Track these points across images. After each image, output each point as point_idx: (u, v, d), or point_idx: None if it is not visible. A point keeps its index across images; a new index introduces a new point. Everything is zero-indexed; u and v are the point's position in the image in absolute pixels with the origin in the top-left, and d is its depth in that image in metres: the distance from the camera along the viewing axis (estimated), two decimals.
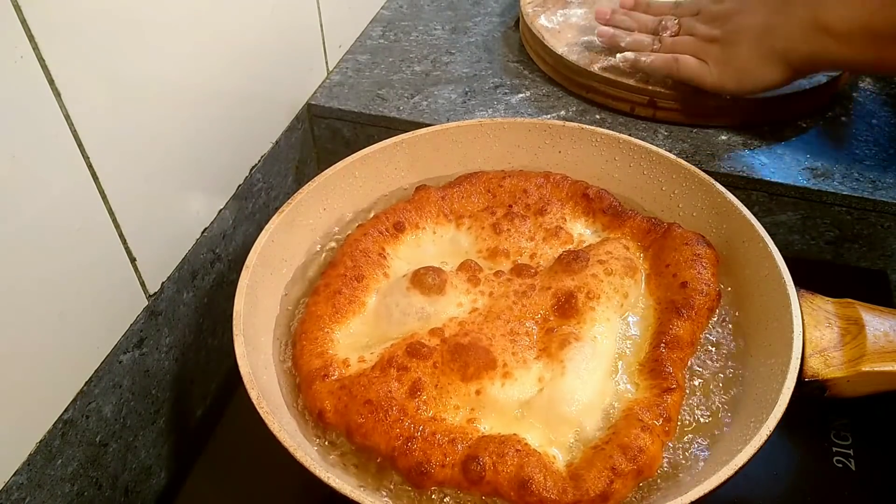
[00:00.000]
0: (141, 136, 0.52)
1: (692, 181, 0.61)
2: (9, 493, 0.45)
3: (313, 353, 0.52)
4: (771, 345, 0.51)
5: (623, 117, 0.77)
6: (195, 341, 0.63)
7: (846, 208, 0.68)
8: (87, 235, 0.49)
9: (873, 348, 0.50)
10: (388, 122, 0.78)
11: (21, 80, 0.42)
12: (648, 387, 0.50)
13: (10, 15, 0.40)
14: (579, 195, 0.63)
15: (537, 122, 0.67)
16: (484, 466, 0.45)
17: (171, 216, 0.58)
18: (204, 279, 0.63)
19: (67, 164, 0.46)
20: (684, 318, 0.53)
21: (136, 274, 0.54)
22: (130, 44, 0.50)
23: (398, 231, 0.61)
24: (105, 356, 0.52)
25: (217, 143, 0.62)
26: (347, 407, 0.48)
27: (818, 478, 0.55)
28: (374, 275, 0.57)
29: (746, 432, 0.46)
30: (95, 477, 0.53)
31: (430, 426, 0.47)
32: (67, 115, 0.45)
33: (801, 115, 0.75)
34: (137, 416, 0.57)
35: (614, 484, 0.44)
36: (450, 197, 0.63)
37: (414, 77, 0.83)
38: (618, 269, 0.55)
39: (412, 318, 0.53)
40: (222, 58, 0.61)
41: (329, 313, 0.54)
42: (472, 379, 0.49)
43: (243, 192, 0.67)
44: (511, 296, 0.54)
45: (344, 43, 0.87)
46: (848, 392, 0.50)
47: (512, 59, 0.86)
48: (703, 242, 0.57)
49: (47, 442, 0.48)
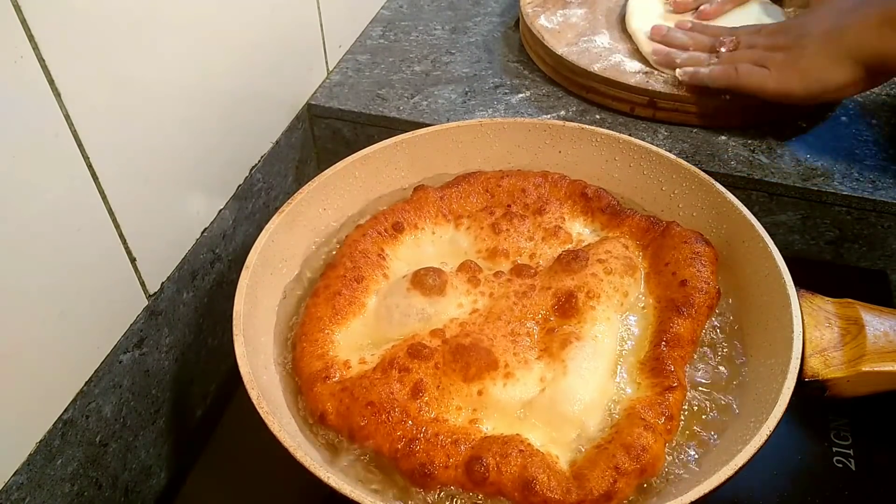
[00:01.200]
0: (141, 136, 0.52)
1: (692, 181, 0.61)
2: (9, 493, 0.45)
3: (314, 355, 0.52)
4: (771, 345, 0.51)
5: (623, 117, 0.77)
6: (195, 341, 0.63)
7: (846, 208, 0.69)
8: (87, 235, 0.49)
9: (873, 348, 0.50)
10: (388, 122, 0.78)
11: (21, 80, 0.42)
12: (650, 385, 0.50)
13: (10, 15, 0.40)
14: (578, 194, 0.63)
15: (537, 122, 0.67)
16: (487, 467, 0.45)
17: (171, 216, 0.58)
18: (204, 279, 0.63)
19: (67, 164, 0.46)
20: (684, 316, 0.53)
21: (136, 274, 0.54)
22: (131, 44, 0.49)
23: (397, 232, 0.61)
24: (105, 356, 0.52)
25: (217, 143, 0.62)
26: (349, 409, 0.48)
27: (818, 478, 0.55)
28: (373, 276, 0.57)
29: (746, 432, 0.46)
30: (95, 477, 0.53)
31: (432, 427, 0.47)
32: (67, 115, 0.45)
33: (801, 115, 0.75)
34: (137, 416, 0.57)
35: (618, 483, 0.44)
36: (448, 197, 0.63)
37: (414, 77, 0.83)
38: (617, 268, 0.55)
39: (413, 320, 0.53)
40: (222, 58, 0.61)
41: (329, 315, 0.54)
42: (474, 379, 0.49)
43: (243, 192, 0.67)
44: (511, 296, 0.54)
45: (344, 43, 0.87)
46: (848, 392, 0.50)
47: (512, 59, 0.86)
48: (701, 241, 0.57)
49: (47, 442, 0.48)
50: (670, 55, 0.76)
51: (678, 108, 0.74)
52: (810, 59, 0.66)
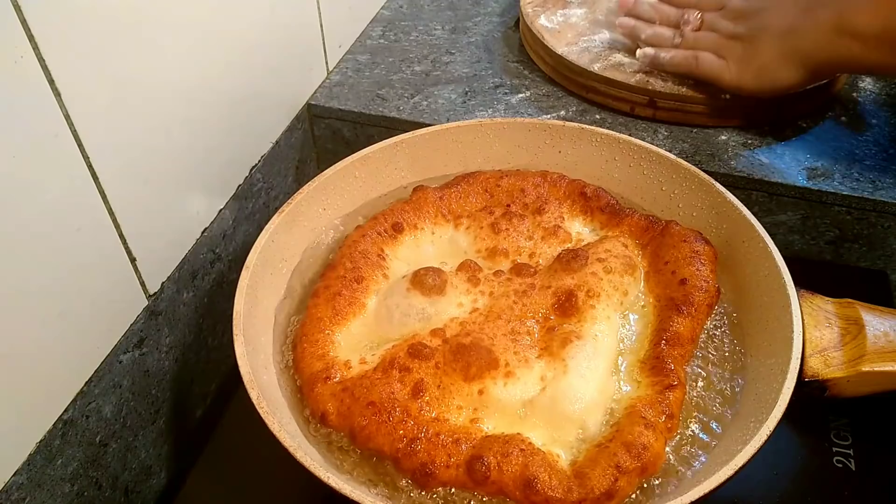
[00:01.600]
0: (141, 136, 0.52)
1: (692, 181, 0.61)
2: (9, 493, 0.45)
3: (314, 356, 0.52)
4: (771, 345, 0.51)
5: (623, 117, 0.77)
6: (195, 341, 0.63)
7: (846, 208, 0.69)
8: (87, 235, 0.49)
9: (873, 348, 0.50)
10: (388, 122, 0.78)
11: (21, 80, 0.42)
12: (650, 384, 0.50)
13: (10, 15, 0.40)
14: (577, 194, 0.63)
15: (537, 122, 0.67)
16: (489, 466, 0.45)
17: (171, 216, 0.58)
18: (204, 279, 0.63)
19: (67, 164, 0.46)
20: (684, 314, 0.53)
21: (136, 274, 0.54)
22: (131, 44, 0.49)
23: (397, 232, 0.61)
24: (105, 356, 0.52)
25: (217, 143, 0.62)
26: (350, 409, 0.48)
27: (818, 478, 0.55)
28: (373, 276, 0.57)
29: (746, 432, 0.46)
30: (95, 477, 0.53)
31: (433, 427, 0.47)
32: (67, 115, 0.45)
33: (801, 115, 0.75)
34: (137, 416, 0.57)
35: (619, 482, 0.44)
36: (447, 197, 0.63)
37: (414, 77, 0.83)
38: (617, 267, 0.55)
39: (413, 319, 0.53)
40: (222, 57, 0.61)
41: (329, 315, 0.54)
42: (475, 379, 0.49)
43: (243, 192, 0.67)
44: (511, 295, 0.54)
45: (344, 43, 0.86)
46: (848, 392, 0.50)
47: (512, 59, 0.86)
48: (700, 239, 0.57)
49: (47, 442, 0.48)
50: (636, 28, 0.78)
51: (678, 108, 0.74)
52: (765, 59, 0.68)
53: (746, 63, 0.69)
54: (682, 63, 0.73)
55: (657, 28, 0.77)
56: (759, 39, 0.69)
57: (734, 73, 0.70)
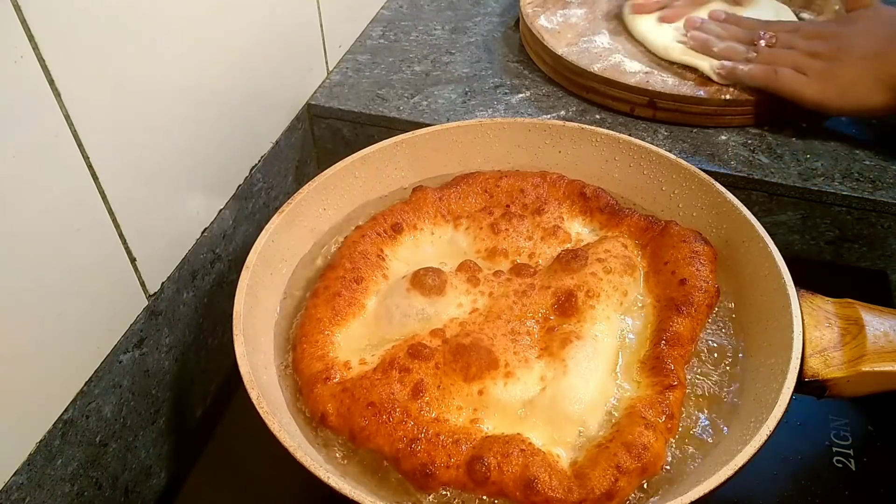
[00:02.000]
0: (141, 136, 0.52)
1: (692, 181, 0.61)
2: (9, 493, 0.45)
3: (314, 357, 0.52)
4: (771, 345, 0.51)
5: (623, 117, 0.77)
6: (195, 341, 0.63)
7: (846, 208, 0.69)
8: (87, 235, 0.49)
9: (873, 348, 0.50)
10: (388, 122, 0.78)
11: (21, 80, 0.42)
12: (650, 384, 0.50)
13: (10, 15, 0.40)
14: (576, 194, 0.63)
15: (537, 122, 0.67)
16: (489, 467, 0.45)
17: (171, 216, 0.58)
18: (204, 279, 0.63)
19: (67, 164, 0.46)
20: (684, 314, 0.53)
21: (136, 274, 0.54)
22: (131, 44, 0.49)
23: (396, 232, 0.61)
24: (105, 356, 0.52)
25: (217, 144, 0.62)
26: (350, 410, 0.48)
27: (818, 478, 0.55)
28: (373, 277, 0.57)
29: (746, 432, 0.46)
30: (95, 477, 0.53)
31: (433, 427, 0.47)
32: (67, 115, 0.45)
33: (801, 115, 0.75)
34: (137, 416, 0.57)
35: (619, 482, 0.44)
36: (447, 197, 0.63)
37: (414, 77, 0.83)
38: (617, 268, 0.55)
39: (413, 320, 0.53)
40: (222, 58, 0.61)
41: (329, 316, 0.54)
42: (475, 379, 0.49)
43: (243, 192, 0.67)
44: (511, 295, 0.54)
45: (344, 43, 0.87)
46: (848, 392, 0.50)
47: (512, 59, 0.86)
48: (700, 239, 0.57)
49: (47, 442, 0.48)
50: (708, 42, 0.77)
51: (678, 108, 0.74)
52: (851, 78, 0.68)
53: (829, 80, 0.69)
54: (760, 76, 0.72)
55: (730, 43, 0.77)
56: (842, 60, 0.69)
57: (816, 89, 0.69)
